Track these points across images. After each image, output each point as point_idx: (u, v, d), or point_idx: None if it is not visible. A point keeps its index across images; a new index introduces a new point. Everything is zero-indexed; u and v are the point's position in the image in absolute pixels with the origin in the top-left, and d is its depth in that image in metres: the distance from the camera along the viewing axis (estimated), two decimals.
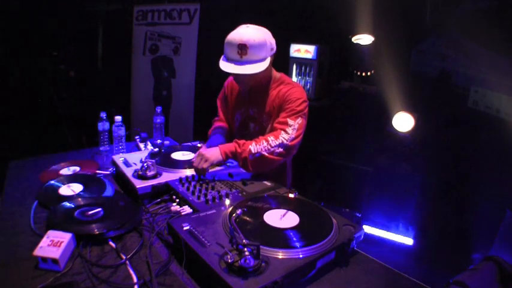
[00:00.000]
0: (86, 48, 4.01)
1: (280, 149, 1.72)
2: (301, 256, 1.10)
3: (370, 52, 3.49)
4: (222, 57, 1.78)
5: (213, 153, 1.72)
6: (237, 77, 1.83)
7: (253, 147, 1.71)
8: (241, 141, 1.76)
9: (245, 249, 1.02)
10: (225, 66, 1.73)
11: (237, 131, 2.13)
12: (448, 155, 3.10)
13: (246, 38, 1.68)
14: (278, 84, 1.94)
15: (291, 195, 1.54)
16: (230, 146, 1.76)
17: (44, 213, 1.45)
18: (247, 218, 1.30)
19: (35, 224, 1.38)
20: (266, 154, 1.71)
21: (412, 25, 3.31)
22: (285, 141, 1.73)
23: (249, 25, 1.76)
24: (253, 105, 2.00)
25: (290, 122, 1.76)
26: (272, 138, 1.73)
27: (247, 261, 1.00)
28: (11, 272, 1.11)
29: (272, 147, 1.72)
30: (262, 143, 1.72)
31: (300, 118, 1.78)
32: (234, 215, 1.26)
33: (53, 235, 1.19)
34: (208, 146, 1.92)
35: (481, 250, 2.78)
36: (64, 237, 1.18)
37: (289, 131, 1.75)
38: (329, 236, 1.21)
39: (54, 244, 1.15)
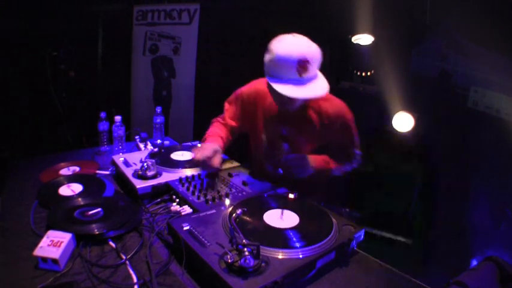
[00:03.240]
0: (85, 48, 3.99)
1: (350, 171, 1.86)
2: (301, 256, 1.10)
3: (370, 52, 3.48)
4: (269, 79, 1.49)
5: (308, 166, 1.67)
6: (290, 99, 1.52)
7: (337, 171, 1.79)
8: (332, 164, 1.76)
9: (245, 249, 1.02)
10: (290, 90, 1.43)
11: (265, 153, 1.87)
12: (448, 155, 3.10)
13: (306, 51, 1.43)
14: (316, 100, 1.70)
15: (291, 196, 1.54)
16: (322, 166, 1.73)
17: (44, 213, 1.46)
18: (247, 218, 1.30)
19: (35, 224, 1.38)
20: (340, 175, 1.83)
21: (412, 25, 3.31)
22: (356, 167, 1.87)
23: (295, 34, 1.49)
24: (287, 124, 1.76)
25: (357, 151, 1.83)
26: (348, 163, 1.83)
27: (247, 261, 1.00)
28: (11, 272, 1.11)
29: (346, 169, 1.83)
30: (343, 166, 1.81)
31: (358, 140, 1.83)
32: (234, 215, 1.26)
33: (53, 235, 1.19)
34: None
35: (481, 250, 2.78)
36: (64, 237, 1.18)
37: (359, 158, 1.85)
38: (329, 236, 1.21)
39: (54, 244, 1.15)
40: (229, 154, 2.06)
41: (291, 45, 1.45)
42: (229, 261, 1.01)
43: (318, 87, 1.47)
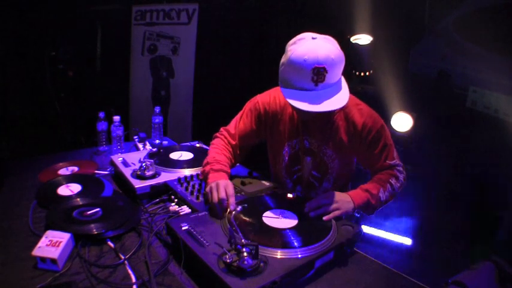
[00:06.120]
0: (84, 48, 3.99)
1: (399, 191, 1.57)
2: (299, 256, 1.10)
3: (368, 52, 3.49)
4: (281, 85, 1.32)
5: (345, 202, 1.41)
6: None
7: (383, 195, 1.49)
8: (371, 188, 1.49)
9: (243, 249, 1.02)
10: (300, 104, 1.24)
11: (285, 168, 1.73)
12: (447, 155, 3.10)
13: (322, 57, 1.22)
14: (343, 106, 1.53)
15: (290, 195, 1.54)
16: (363, 197, 1.45)
17: (42, 213, 1.45)
18: (246, 218, 1.30)
19: (34, 224, 1.38)
20: (390, 200, 1.54)
21: (411, 25, 3.32)
22: (404, 182, 1.58)
23: (315, 35, 1.29)
24: (311, 135, 1.60)
25: (393, 162, 1.59)
26: (394, 181, 1.54)
27: (245, 262, 1.00)
28: (10, 272, 1.11)
29: (395, 191, 1.54)
30: (389, 189, 1.51)
31: (395, 150, 1.61)
32: (233, 212, 1.27)
33: (51, 235, 1.19)
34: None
35: (480, 250, 2.78)
36: (63, 237, 1.18)
37: (401, 169, 1.59)
38: (328, 236, 1.21)
39: (52, 244, 1.14)
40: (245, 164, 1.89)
41: (306, 48, 1.24)
42: (228, 261, 1.01)
43: (335, 99, 1.27)
